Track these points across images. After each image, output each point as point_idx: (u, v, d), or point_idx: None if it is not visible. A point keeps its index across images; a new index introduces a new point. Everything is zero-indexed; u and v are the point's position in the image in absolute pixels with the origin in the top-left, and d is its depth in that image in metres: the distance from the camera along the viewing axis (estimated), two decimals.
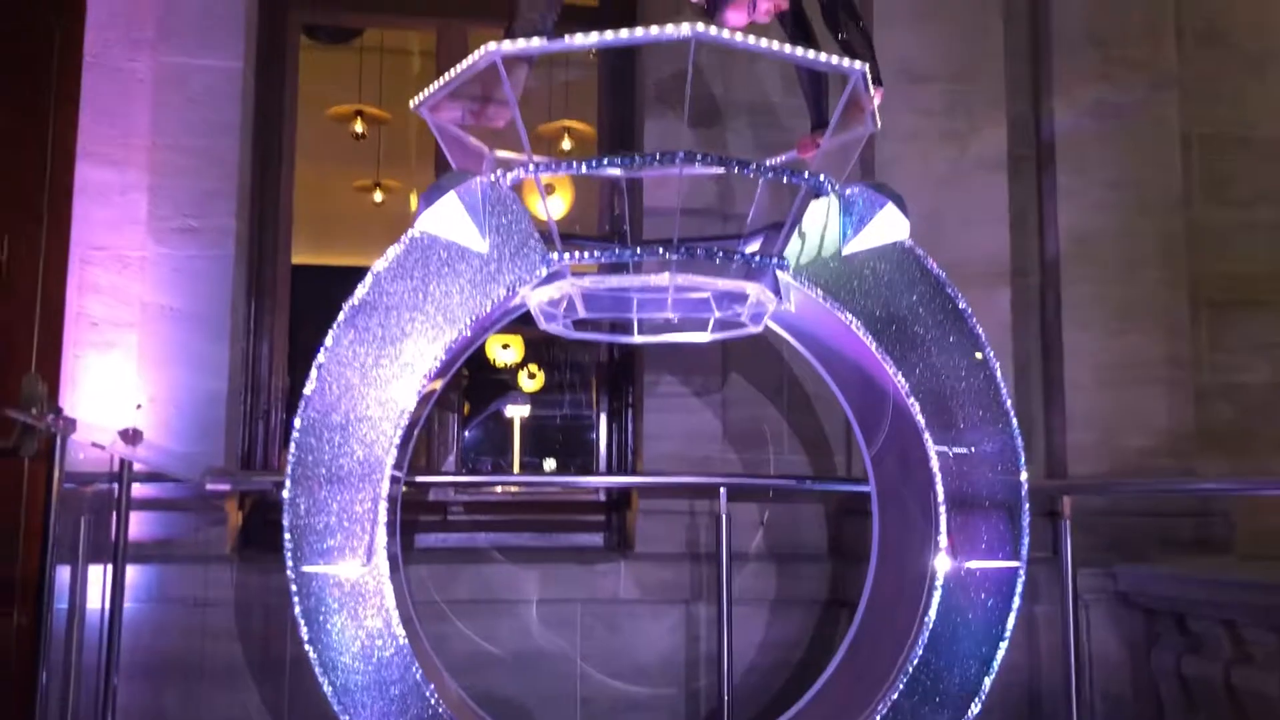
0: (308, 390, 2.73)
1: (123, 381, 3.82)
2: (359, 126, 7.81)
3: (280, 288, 4.33)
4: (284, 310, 4.34)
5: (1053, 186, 4.30)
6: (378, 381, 2.75)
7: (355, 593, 2.66)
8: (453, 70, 2.79)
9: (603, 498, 4.38)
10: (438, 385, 3.15)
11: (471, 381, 9.31)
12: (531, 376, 9.87)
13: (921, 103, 4.20)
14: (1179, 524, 4.06)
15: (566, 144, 7.85)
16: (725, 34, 2.61)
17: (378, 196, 8.82)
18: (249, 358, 4.21)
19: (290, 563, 2.66)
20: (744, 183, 4.12)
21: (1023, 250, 4.31)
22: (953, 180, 4.18)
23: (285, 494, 2.69)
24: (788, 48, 2.70)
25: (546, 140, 7.60)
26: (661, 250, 2.75)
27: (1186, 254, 4.36)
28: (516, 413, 5.29)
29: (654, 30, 2.56)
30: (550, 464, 7.79)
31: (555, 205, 7.71)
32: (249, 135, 4.14)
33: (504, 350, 9.54)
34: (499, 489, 4.54)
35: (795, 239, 2.96)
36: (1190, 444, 4.20)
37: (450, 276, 2.79)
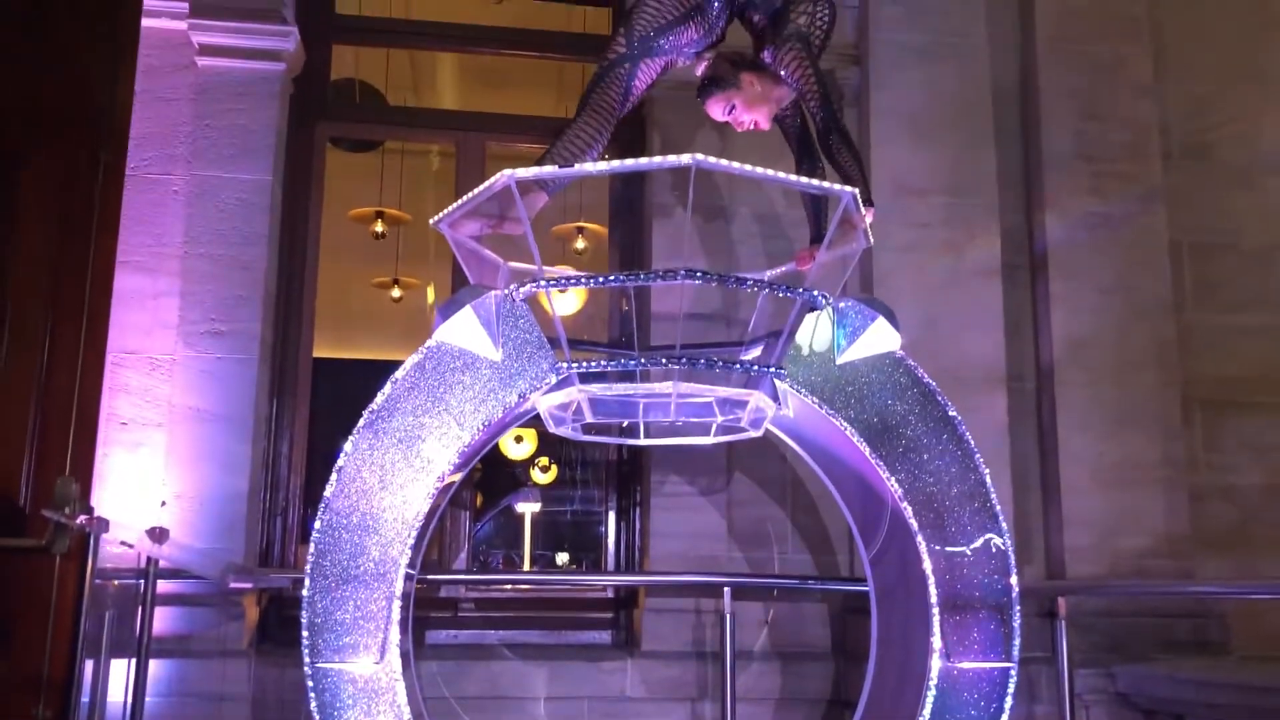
0: (328, 492, 2.86)
1: (149, 479, 3.98)
2: (379, 227, 8.07)
3: (301, 388, 4.50)
4: (304, 410, 4.50)
5: (1046, 294, 4.46)
6: (395, 484, 2.88)
7: (369, 689, 2.76)
8: (471, 191, 2.98)
9: (611, 594, 4.48)
10: (456, 478, 3.29)
11: (485, 475, 9.43)
12: (544, 470, 9.99)
13: (918, 215, 4.40)
14: (1177, 624, 4.13)
15: (580, 244, 8.09)
16: (723, 161, 2.79)
17: (395, 293, 9.05)
18: (269, 456, 4.36)
19: (307, 659, 2.76)
20: (746, 292, 4.28)
21: (1019, 356, 4.46)
22: (949, 289, 4.35)
23: (304, 592, 2.80)
24: (782, 174, 2.88)
25: (560, 240, 7.83)
26: (665, 360, 2.90)
27: (1179, 357, 4.51)
28: (528, 508, 5.43)
29: (657, 159, 2.75)
30: (561, 558, 7.88)
31: (568, 302, 7.91)
32: (276, 243, 4.35)
33: (517, 444, 9.69)
34: (509, 585, 4.64)
35: (793, 349, 3.10)
36: (1187, 545, 4.29)
37: (465, 384, 2.94)
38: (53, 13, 3.47)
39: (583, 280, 3.00)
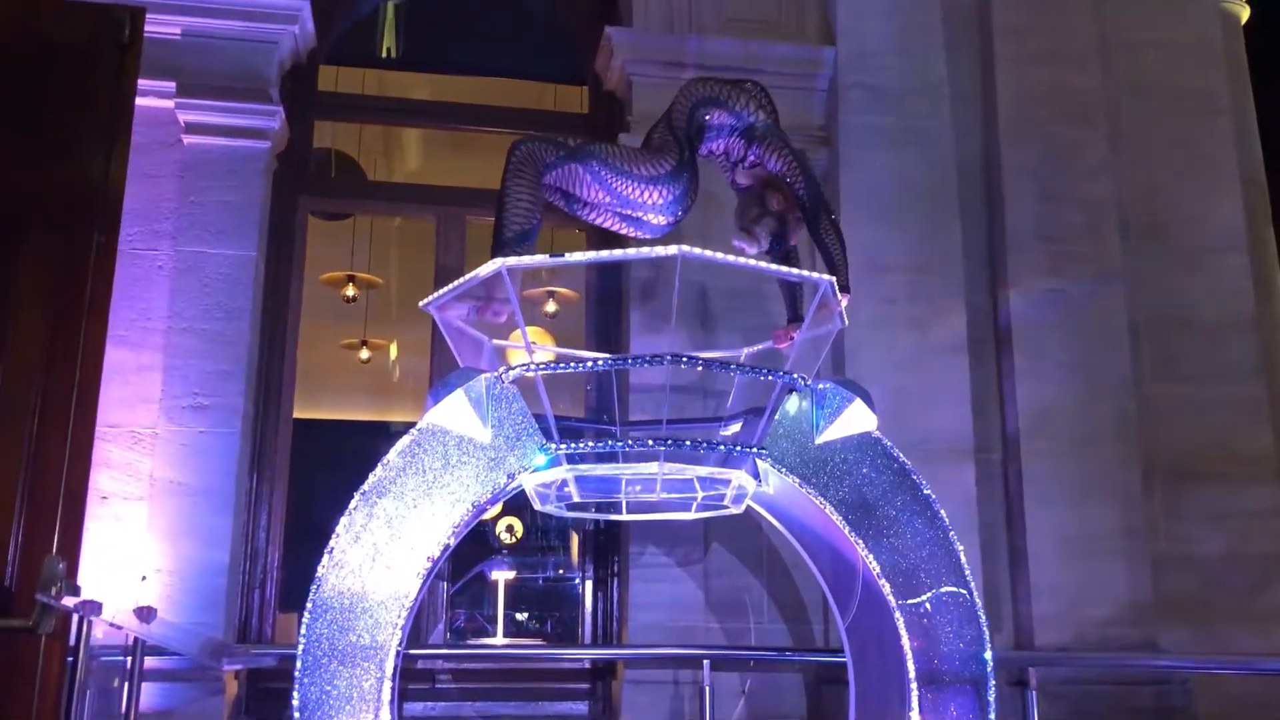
0: (320, 571, 2.90)
1: (130, 553, 3.99)
2: (351, 290, 8.13)
3: (280, 459, 4.54)
4: (283, 481, 4.54)
5: (1010, 369, 4.61)
6: (385, 565, 2.93)
7: None
8: (462, 278, 3.07)
9: (588, 665, 4.51)
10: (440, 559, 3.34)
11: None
12: (509, 529, 9.99)
13: (886, 292, 4.54)
14: (1141, 692, 4.25)
15: (551, 306, 8.20)
16: (708, 253, 2.90)
17: (364, 354, 9.09)
18: (248, 528, 4.38)
19: None
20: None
21: (985, 428, 4.60)
22: (916, 363, 4.49)
23: (296, 672, 2.84)
24: (764, 264, 3.00)
25: (532, 304, 7.93)
26: (651, 441, 2.99)
27: (1139, 429, 4.66)
28: (501, 576, 5.47)
29: (645, 250, 2.86)
30: (536, 623, 7.89)
31: (545, 357, 7.97)
32: (259, 319, 4.40)
33: None
34: (482, 644, 4.66)
35: (772, 431, 3.20)
36: (1150, 614, 4.42)
37: (455, 466, 3.00)
38: (48, 100, 3.53)
39: (571, 365, 3.09)
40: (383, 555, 2.94)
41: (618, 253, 2.91)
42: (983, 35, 5.06)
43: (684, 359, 2.96)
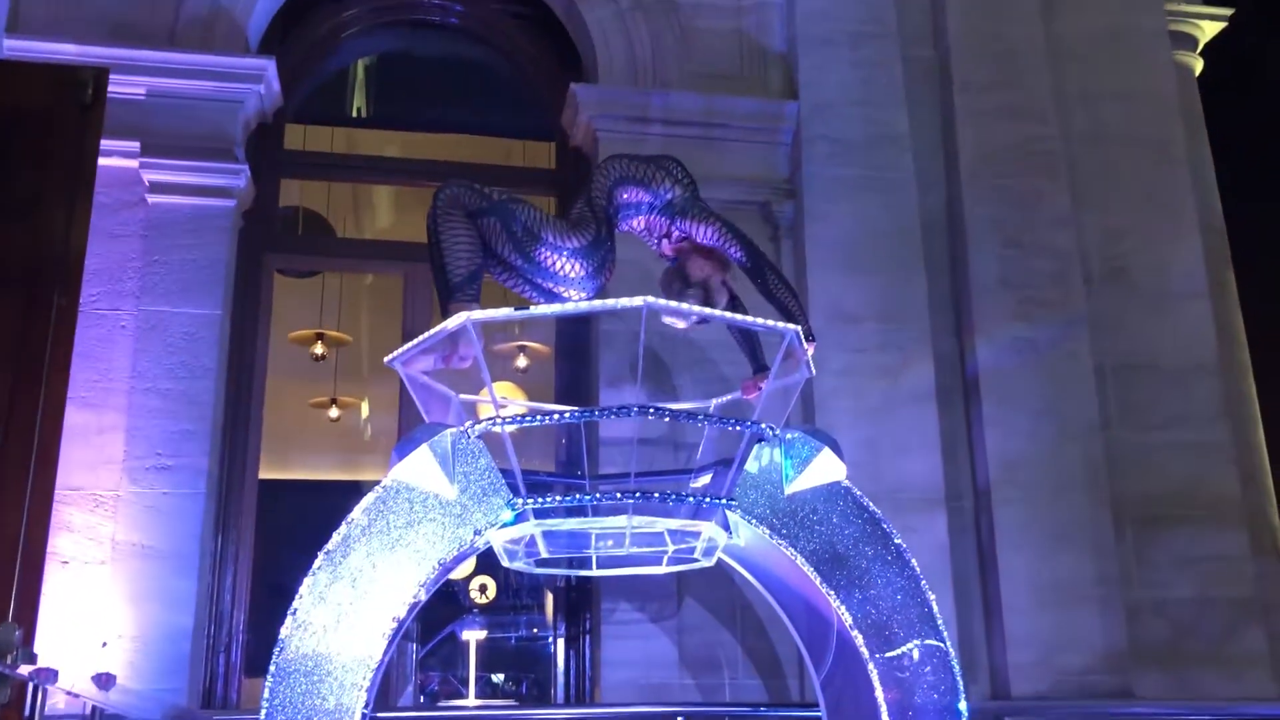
0: (283, 634, 2.84)
1: (91, 619, 3.90)
2: (320, 349, 8.08)
3: (246, 520, 4.47)
4: (249, 543, 4.46)
5: (979, 416, 4.62)
6: (350, 626, 2.88)
7: None
8: (426, 333, 3.05)
9: None
10: (406, 619, 3.28)
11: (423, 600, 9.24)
12: (483, 589, 9.86)
13: (853, 341, 4.56)
14: None
15: (522, 362, 8.18)
16: (674, 304, 2.91)
17: (333, 412, 9.01)
18: (213, 591, 4.30)
19: None
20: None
21: (956, 476, 4.60)
22: (886, 411, 4.50)
23: None
24: (729, 314, 3.00)
25: (503, 358, 7.91)
26: (620, 495, 2.96)
27: (1107, 476, 4.67)
28: (473, 636, 5.39)
29: (611, 301, 2.85)
30: (512, 684, 7.77)
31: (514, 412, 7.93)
32: (224, 378, 4.36)
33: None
34: (454, 705, 4.58)
35: (742, 482, 3.19)
36: (1125, 660, 4.39)
37: (421, 523, 2.96)
38: (9, 160, 3.50)
39: (537, 418, 3.07)
40: (347, 616, 2.89)
41: (583, 305, 2.91)
42: (943, 89, 5.14)
43: (651, 410, 2.95)
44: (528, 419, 3.03)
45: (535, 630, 7.64)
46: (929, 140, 5.03)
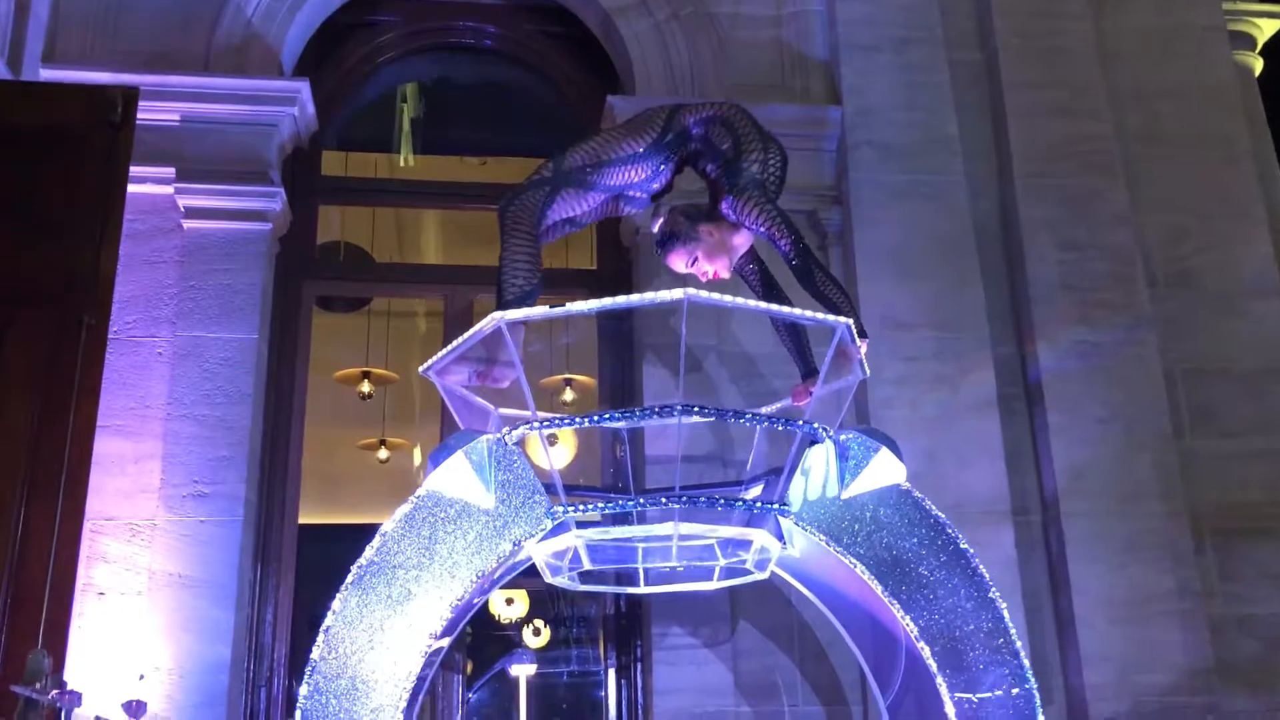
0: (315, 654, 2.71)
1: (127, 651, 3.80)
2: (366, 387, 8.02)
3: (286, 552, 4.36)
4: (289, 575, 4.35)
5: (1044, 424, 4.41)
6: (384, 644, 2.74)
7: None
8: (460, 337, 2.93)
9: None
10: (445, 643, 3.14)
11: (475, 639, 9.12)
12: (537, 633, 9.68)
13: (908, 349, 4.38)
14: None
15: (569, 395, 8.06)
16: (715, 296, 2.76)
17: (382, 454, 8.93)
18: (253, 624, 4.18)
19: None
20: (741, 431, 4.23)
21: (1021, 488, 4.38)
22: (945, 422, 4.30)
23: None
24: (776, 306, 2.85)
25: (549, 392, 7.79)
26: (664, 499, 2.81)
27: (1183, 485, 4.42)
28: (523, 671, 5.21)
29: (649, 295, 2.72)
30: None
31: (559, 455, 7.81)
32: (261, 404, 4.27)
33: (508, 605, 9.41)
34: None
35: (795, 484, 3.02)
36: (1210, 680, 4.12)
37: (457, 534, 2.83)
38: (39, 180, 3.47)
39: (576, 420, 2.93)
40: (382, 633, 2.75)
41: (621, 299, 2.77)
42: (992, 91, 4.98)
43: (696, 408, 2.79)
44: (567, 421, 2.88)
45: (587, 665, 7.45)
46: (979, 143, 4.86)
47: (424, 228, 7.38)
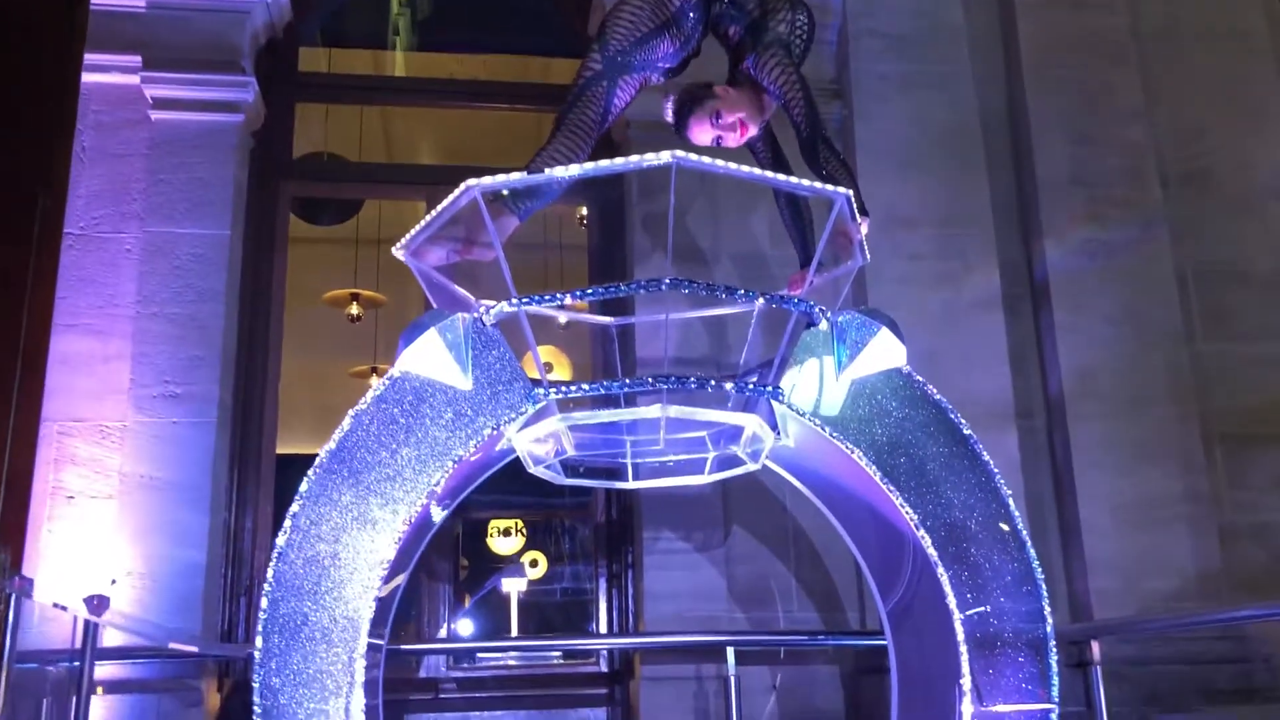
0: (281, 540, 2.56)
1: (98, 556, 3.67)
2: (355, 309, 7.85)
3: (266, 459, 4.21)
4: (269, 481, 4.20)
5: (1051, 325, 4.24)
6: (356, 529, 2.59)
7: None
8: (434, 210, 2.75)
9: (604, 668, 4.13)
10: (439, 514, 2.99)
11: (470, 572, 9.02)
12: (534, 564, 9.58)
13: (911, 247, 4.21)
14: (1218, 672, 3.81)
15: (563, 319, 7.87)
16: (706, 160, 2.57)
17: (374, 381, 8.76)
18: (231, 530, 4.04)
19: None
20: (737, 331, 4.07)
21: (1026, 391, 4.23)
22: (948, 322, 4.13)
23: (256, 651, 2.49)
24: (769, 173, 2.67)
25: (541, 320, 7.60)
26: (651, 380, 2.64)
27: (1194, 390, 4.26)
28: (514, 585, 5.09)
29: (635, 159, 2.53)
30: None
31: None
32: (234, 303, 4.10)
33: (505, 537, 9.30)
34: (494, 662, 4.30)
35: (790, 370, 2.85)
36: (1219, 585, 3.99)
37: (432, 416, 2.67)
38: None
39: (559, 296, 2.75)
40: (353, 518, 2.60)
41: (604, 164, 2.58)
42: None
43: (685, 282, 2.62)
44: (548, 298, 2.71)
45: (581, 582, 7.36)
46: (986, 33, 4.65)
47: (414, 140, 7.13)
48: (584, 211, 5.39)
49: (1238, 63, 4.89)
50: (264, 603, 2.55)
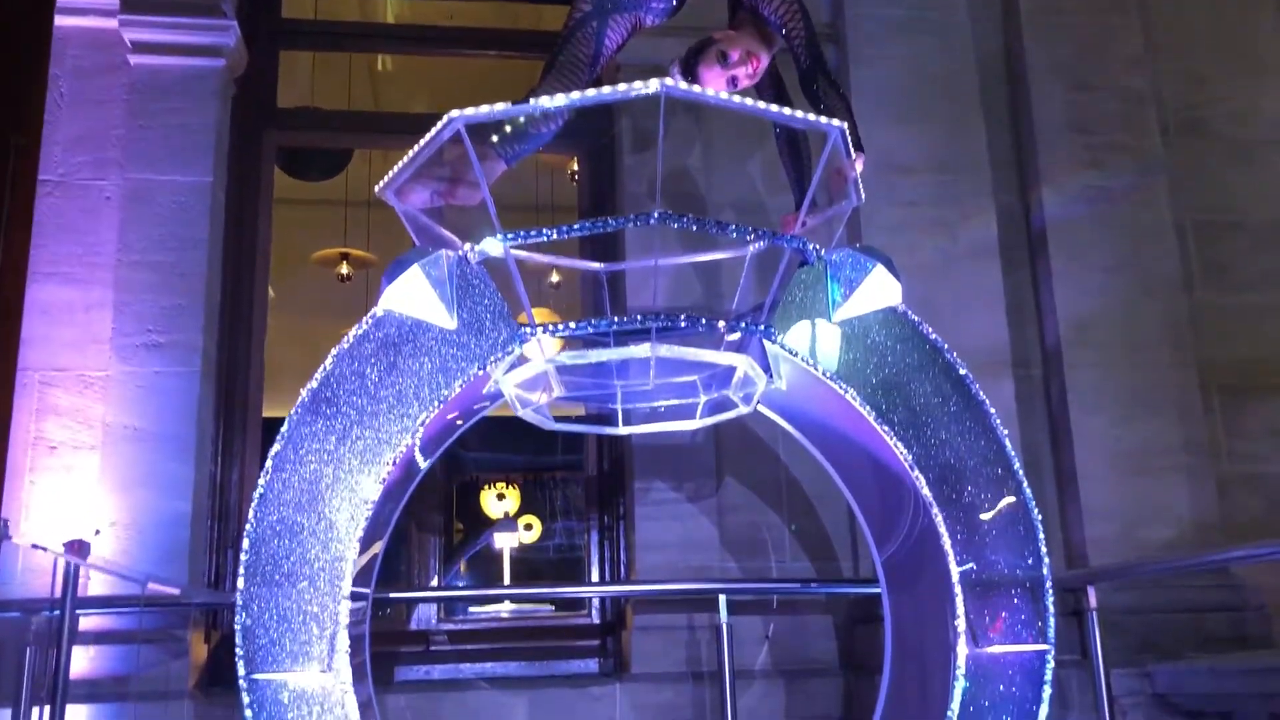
0: (262, 482, 2.51)
1: (82, 506, 3.62)
2: (345, 269, 7.78)
3: (252, 410, 4.15)
4: (255, 433, 4.14)
5: (1048, 273, 4.18)
6: (338, 471, 2.54)
7: (315, 701, 2.39)
8: (416, 146, 2.68)
9: (596, 619, 4.10)
10: (417, 455, 2.94)
11: (465, 536, 9.01)
12: (529, 528, 9.56)
13: (905, 194, 4.14)
14: (1214, 620, 3.78)
15: (555, 277, 7.84)
16: (695, 89, 2.51)
17: None
18: (217, 482, 3.98)
19: (242, 670, 2.39)
20: (730, 278, 4.01)
21: (1022, 339, 4.18)
22: (944, 269, 4.07)
23: (238, 596, 2.44)
24: (761, 104, 2.59)
25: (535, 275, 7.55)
26: (640, 318, 2.59)
27: (1191, 339, 4.22)
28: (507, 541, 5.05)
29: (622, 88, 2.46)
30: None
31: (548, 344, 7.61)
32: (218, 250, 4.03)
33: (499, 501, 9.27)
34: (486, 613, 4.26)
35: (782, 309, 2.79)
36: (1215, 535, 3.95)
37: (416, 355, 2.61)
38: None
39: (545, 232, 2.68)
40: (336, 458, 2.55)
41: (592, 93, 2.51)
42: None
43: (674, 216, 2.55)
44: (536, 234, 2.64)
45: (574, 538, 7.35)
46: None
47: (404, 94, 7.01)
48: (575, 167, 5.32)
49: (1239, 12, 4.82)
50: (245, 543, 2.51)
